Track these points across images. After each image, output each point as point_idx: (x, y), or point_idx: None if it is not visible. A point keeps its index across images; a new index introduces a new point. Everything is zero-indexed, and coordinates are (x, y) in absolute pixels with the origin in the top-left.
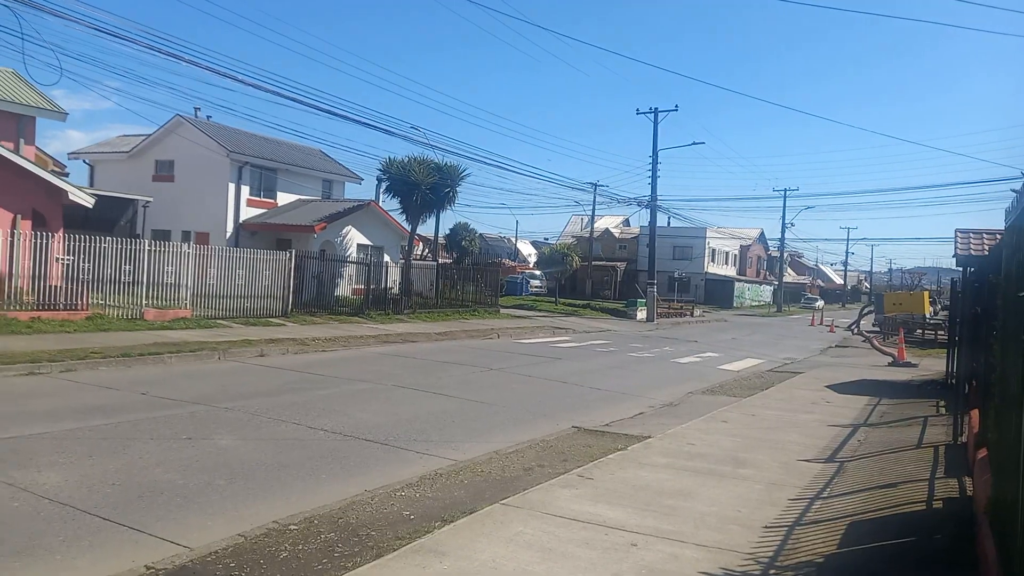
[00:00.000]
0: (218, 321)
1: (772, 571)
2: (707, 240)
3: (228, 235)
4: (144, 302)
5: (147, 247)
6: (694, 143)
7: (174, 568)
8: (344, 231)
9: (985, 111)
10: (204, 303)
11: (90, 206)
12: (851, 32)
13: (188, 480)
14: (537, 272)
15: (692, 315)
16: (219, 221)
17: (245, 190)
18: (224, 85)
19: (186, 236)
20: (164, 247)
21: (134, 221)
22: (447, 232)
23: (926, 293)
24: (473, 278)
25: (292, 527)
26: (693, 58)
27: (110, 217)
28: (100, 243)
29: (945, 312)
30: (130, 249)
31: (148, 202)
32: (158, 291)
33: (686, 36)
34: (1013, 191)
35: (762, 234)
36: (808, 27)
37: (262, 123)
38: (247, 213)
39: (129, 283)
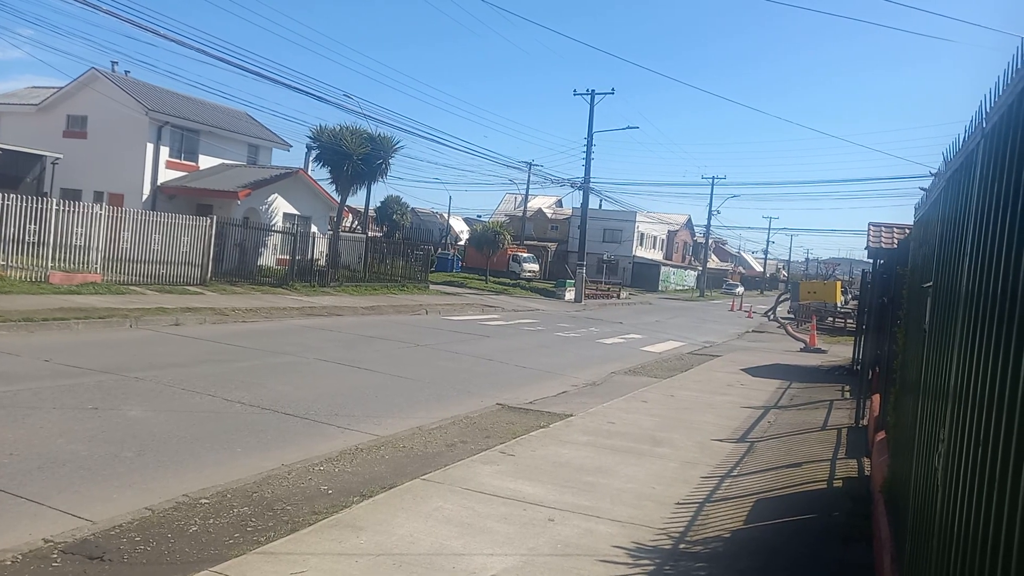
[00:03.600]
0: (131, 287)
1: (682, 545)
2: (636, 224)
3: (144, 198)
4: (50, 264)
5: (55, 206)
6: (628, 127)
7: (75, 542)
8: (270, 199)
9: (904, 110)
10: (116, 268)
11: None
12: (811, 43)
13: (93, 451)
14: (524, 254)
15: (619, 297)
16: (135, 182)
17: (164, 151)
18: (145, 39)
19: (98, 197)
20: (74, 207)
21: (41, 178)
22: (378, 205)
23: (838, 283)
24: (403, 253)
25: (203, 501)
26: (634, 47)
27: (15, 173)
28: (3, 200)
29: (855, 302)
30: (36, 208)
31: (58, 159)
32: (66, 253)
33: (630, 25)
34: (922, 189)
35: (689, 220)
36: (750, 20)
37: (185, 82)
38: (166, 175)
39: (34, 244)
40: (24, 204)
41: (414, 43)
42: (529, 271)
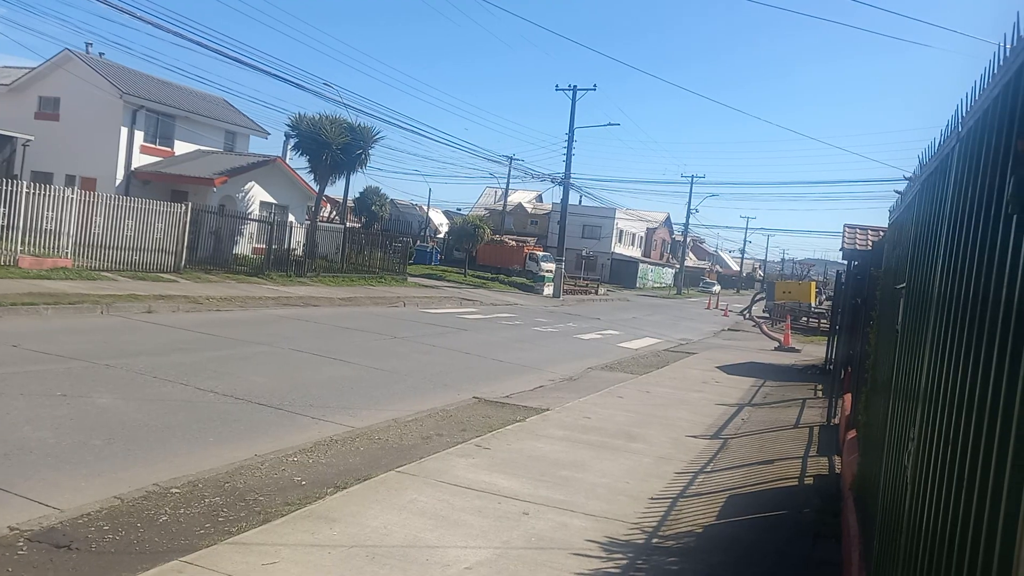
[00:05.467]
0: (103, 273)
1: (655, 540)
2: (616, 221)
3: (118, 183)
4: (19, 248)
5: (25, 189)
6: (609, 124)
7: (42, 530)
8: (247, 187)
9: (881, 111)
10: (88, 253)
11: None
12: (787, 32)
13: (61, 439)
14: (542, 253)
15: (597, 293)
16: (108, 167)
17: (139, 136)
18: (121, 21)
19: (70, 180)
20: (45, 190)
21: (12, 160)
22: (357, 195)
23: (813, 284)
24: (382, 244)
25: (174, 490)
26: (621, 46)
27: None
28: None
29: (829, 302)
30: (5, 190)
31: (29, 141)
32: (36, 237)
33: (615, 25)
34: (897, 191)
35: (668, 218)
36: (747, 28)
37: (161, 66)
38: (140, 160)
39: (3, 227)
40: None
41: (389, 23)
42: (547, 270)
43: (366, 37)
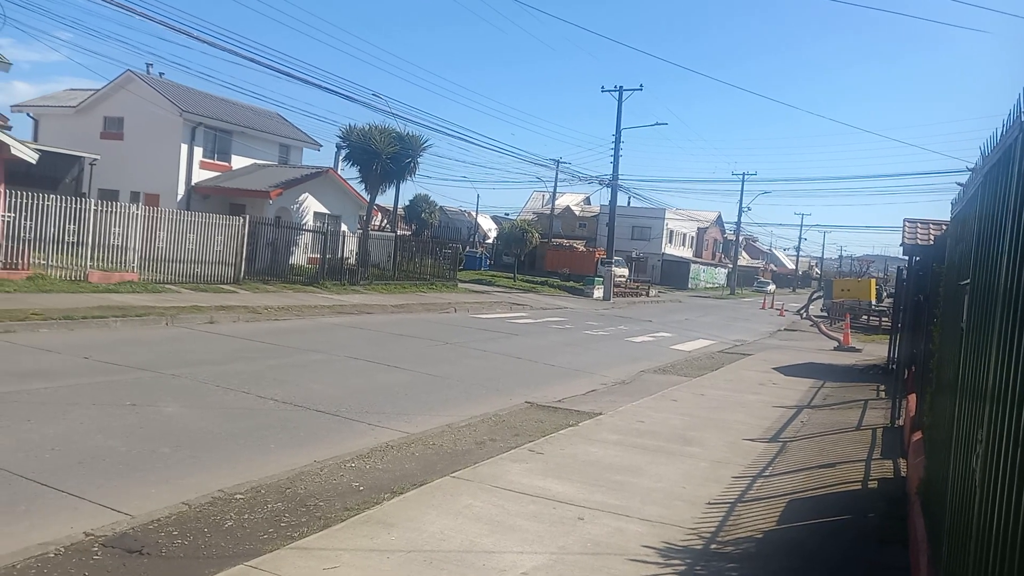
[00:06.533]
0: (166, 286)
1: (713, 546)
2: (665, 221)
3: (179, 198)
4: (89, 263)
5: (93, 207)
6: (657, 123)
7: (115, 535)
8: (301, 198)
9: (942, 103)
10: (152, 267)
11: (33, 162)
12: (838, 32)
13: (131, 447)
14: (612, 258)
15: (648, 295)
16: (170, 183)
17: (198, 152)
18: (179, 41)
19: (135, 197)
20: (111, 207)
21: (80, 179)
22: (407, 203)
23: (873, 280)
24: (432, 251)
25: (238, 496)
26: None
27: (54, 174)
28: (43, 201)
29: (890, 299)
30: (75, 208)
31: (95, 160)
32: (104, 253)
33: (660, 25)
34: (959, 184)
35: (719, 217)
36: (797, 25)
37: (218, 83)
38: (199, 176)
39: (73, 243)
40: (64, 205)
41: (431, 30)
42: (619, 275)
43: (410, 45)
